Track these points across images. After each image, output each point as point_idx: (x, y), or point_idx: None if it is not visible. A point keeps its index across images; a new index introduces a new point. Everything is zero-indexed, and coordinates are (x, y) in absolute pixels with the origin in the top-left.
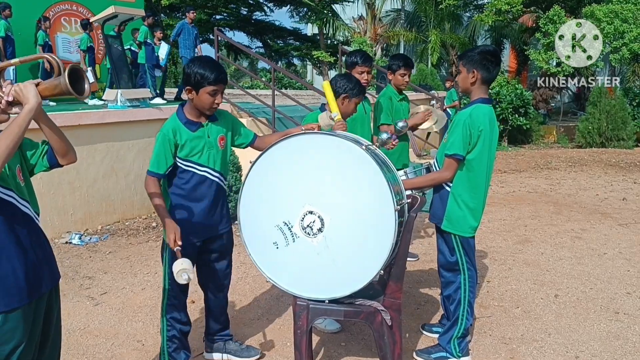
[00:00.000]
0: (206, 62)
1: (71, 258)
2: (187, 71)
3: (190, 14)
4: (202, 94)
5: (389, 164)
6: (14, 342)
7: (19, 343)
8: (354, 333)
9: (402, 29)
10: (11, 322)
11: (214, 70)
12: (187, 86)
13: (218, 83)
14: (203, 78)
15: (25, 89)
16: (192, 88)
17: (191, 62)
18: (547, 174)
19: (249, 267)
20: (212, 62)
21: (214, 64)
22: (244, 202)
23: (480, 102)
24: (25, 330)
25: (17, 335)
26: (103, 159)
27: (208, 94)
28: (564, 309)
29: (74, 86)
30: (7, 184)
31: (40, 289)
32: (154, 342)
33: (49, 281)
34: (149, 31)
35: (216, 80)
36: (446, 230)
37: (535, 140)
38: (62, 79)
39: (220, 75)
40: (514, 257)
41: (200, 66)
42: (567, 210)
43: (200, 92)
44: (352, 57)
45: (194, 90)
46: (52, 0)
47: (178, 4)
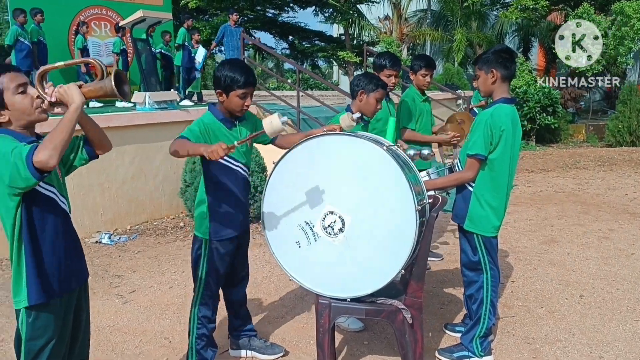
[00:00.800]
0: (236, 66)
1: (101, 257)
2: (217, 74)
3: (233, 16)
4: (232, 97)
5: (411, 164)
6: (45, 338)
7: (50, 339)
8: (376, 332)
9: (428, 28)
10: (43, 318)
11: (243, 74)
12: (218, 89)
13: (248, 86)
14: (233, 81)
15: (70, 90)
16: (222, 91)
17: (221, 66)
18: (575, 173)
19: (274, 267)
20: (242, 65)
21: (244, 68)
22: (267, 201)
23: (502, 102)
24: (56, 326)
25: (49, 331)
26: (132, 161)
27: (238, 97)
28: (589, 310)
29: (118, 88)
30: (50, 180)
31: (71, 284)
32: (181, 340)
33: (79, 278)
34: (187, 34)
35: (246, 84)
36: (468, 230)
37: (564, 139)
38: (107, 81)
39: (249, 79)
40: (540, 257)
41: (230, 70)
42: (594, 210)
43: (231, 95)
44: (380, 59)
45: (224, 94)
46: (83, 5)
47: (205, 7)
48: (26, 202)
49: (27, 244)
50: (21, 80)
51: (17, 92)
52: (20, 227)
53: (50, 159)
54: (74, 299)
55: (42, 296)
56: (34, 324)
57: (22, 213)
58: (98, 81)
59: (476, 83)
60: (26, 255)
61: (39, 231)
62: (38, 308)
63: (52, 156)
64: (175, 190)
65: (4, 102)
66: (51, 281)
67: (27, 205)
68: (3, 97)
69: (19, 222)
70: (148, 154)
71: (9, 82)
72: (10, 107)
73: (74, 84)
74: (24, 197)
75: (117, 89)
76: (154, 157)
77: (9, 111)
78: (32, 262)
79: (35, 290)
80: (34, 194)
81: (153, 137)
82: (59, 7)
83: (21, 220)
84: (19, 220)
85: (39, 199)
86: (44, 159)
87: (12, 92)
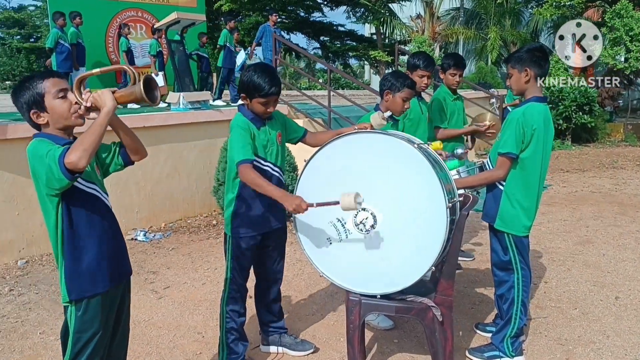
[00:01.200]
0: (262, 73)
1: (136, 254)
2: (243, 78)
3: (272, 16)
4: (255, 103)
5: (441, 162)
6: (92, 330)
7: (97, 331)
8: (406, 330)
9: (461, 27)
10: (91, 311)
11: (268, 83)
12: (242, 93)
13: (271, 96)
14: (257, 89)
15: (103, 95)
16: (245, 95)
17: (248, 70)
18: (613, 173)
19: (305, 265)
20: (269, 72)
21: (270, 75)
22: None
23: (534, 101)
24: (102, 319)
25: (96, 323)
26: (167, 160)
27: (260, 104)
28: (624, 312)
29: (147, 94)
30: (90, 177)
31: (117, 278)
32: (213, 334)
33: (124, 272)
34: (229, 35)
35: (269, 94)
36: (499, 229)
37: (601, 138)
38: (137, 87)
39: (273, 89)
40: (574, 258)
41: (257, 76)
42: (632, 211)
43: (253, 101)
44: (414, 59)
45: (248, 98)
46: (119, 8)
47: (238, 9)
48: (67, 200)
49: (69, 242)
50: (62, 85)
51: (57, 97)
52: (62, 225)
53: (79, 160)
54: (118, 293)
55: (85, 291)
56: (83, 317)
57: (62, 212)
58: (130, 87)
59: (509, 81)
60: (68, 252)
61: (83, 228)
62: (87, 302)
63: (82, 157)
64: (209, 189)
65: (44, 105)
66: (96, 276)
67: (69, 204)
68: (44, 100)
69: (61, 221)
70: (182, 153)
71: (51, 86)
72: (50, 111)
73: (108, 90)
74: (65, 196)
75: (146, 94)
76: (188, 156)
77: (48, 114)
78: (73, 258)
79: (77, 285)
80: (76, 192)
81: (187, 137)
82: (96, 10)
83: (62, 218)
84: (60, 219)
85: (81, 196)
86: (74, 160)
87: (53, 97)
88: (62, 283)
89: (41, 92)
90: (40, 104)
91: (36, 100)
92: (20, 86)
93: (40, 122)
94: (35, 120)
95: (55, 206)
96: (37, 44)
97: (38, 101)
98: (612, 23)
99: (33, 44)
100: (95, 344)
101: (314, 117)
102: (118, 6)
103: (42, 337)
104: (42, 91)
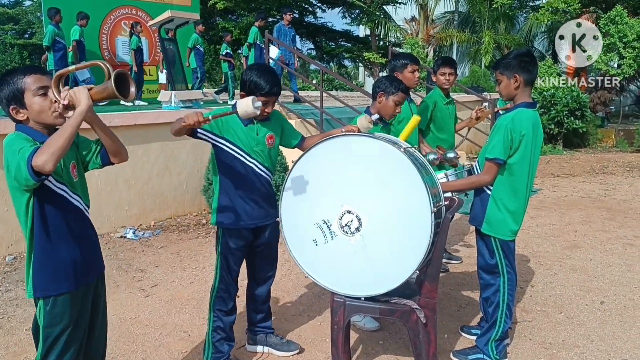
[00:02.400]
0: (263, 73)
1: (125, 251)
2: (244, 77)
3: (287, 15)
4: None
5: (427, 166)
6: (62, 325)
7: (67, 326)
8: (391, 332)
9: (455, 30)
10: (60, 306)
11: (268, 83)
12: (242, 91)
13: (270, 95)
14: (256, 88)
15: (79, 92)
16: (245, 94)
17: (249, 70)
18: (603, 178)
19: (293, 265)
20: (269, 72)
21: (270, 76)
22: (286, 199)
23: (523, 106)
24: (72, 314)
25: (65, 318)
26: (157, 158)
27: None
28: (609, 316)
29: (120, 90)
30: (61, 178)
31: (87, 277)
32: (199, 333)
33: (95, 271)
34: (259, 33)
35: (268, 93)
36: (486, 233)
37: (592, 143)
38: (109, 83)
39: (272, 89)
40: (561, 262)
41: (257, 75)
42: (620, 216)
43: None
44: (400, 59)
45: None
46: (113, 5)
47: (233, 8)
48: (38, 197)
49: (38, 238)
50: (44, 82)
51: (37, 95)
52: (32, 221)
53: (45, 164)
54: (90, 290)
55: (49, 289)
56: (52, 312)
57: (33, 208)
58: (103, 83)
59: (498, 87)
60: (37, 248)
61: (51, 226)
62: (54, 298)
63: (48, 161)
64: (199, 188)
65: (23, 102)
66: (61, 274)
67: (40, 201)
68: (23, 97)
69: (31, 216)
70: (173, 151)
71: (31, 83)
72: (29, 108)
73: (84, 87)
74: (35, 193)
75: (119, 90)
76: (179, 155)
77: (27, 111)
78: (41, 255)
79: (43, 283)
80: (46, 191)
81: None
82: (90, 8)
83: (33, 214)
84: (31, 215)
85: (50, 195)
86: (40, 164)
87: (33, 94)
88: (29, 278)
89: (21, 89)
90: (19, 100)
91: (16, 96)
92: (1, 80)
93: (19, 118)
94: (15, 116)
95: (26, 201)
96: (32, 40)
97: (18, 97)
98: (606, 29)
99: (27, 40)
100: (67, 339)
101: (307, 117)
102: (112, 3)
103: (28, 333)
104: (22, 87)
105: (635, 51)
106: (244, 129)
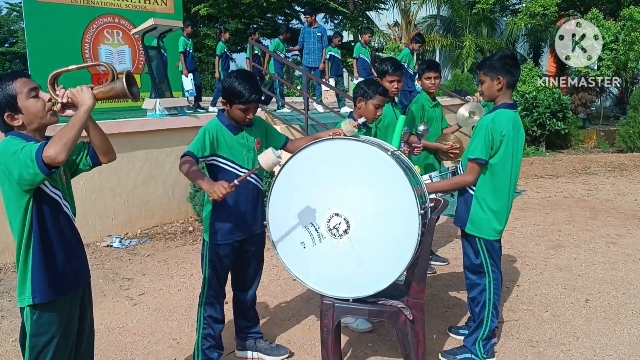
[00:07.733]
0: (243, 79)
1: (112, 260)
2: (224, 84)
3: (307, 17)
4: (235, 109)
5: (413, 169)
6: (49, 335)
7: (54, 336)
8: (381, 334)
9: (437, 34)
10: (47, 316)
11: (247, 90)
12: (223, 98)
13: (250, 103)
14: (237, 95)
15: (82, 92)
16: (226, 101)
17: (229, 77)
18: (585, 179)
19: (281, 270)
20: (249, 79)
21: (250, 83)
22: (273, 203)
23: (503, 107)
24: (60, 323)
25: (53, 328)
26: (142, 166)
27: (240, 110)
28: (594, 314)
29: (129, 90)
30: (56, 183)
31: (74, 285)
32: (188, 341)
33: (82, 279)
34: (281, 44)
35: (248, 101)
36: (470, 233)
37: (574, 145)
38: (119, 82)
39: (252, 96)
40: (546, 262)
41: (237, 82)
42: (603, 216)
43: (233, 107)
44: (382, 65)
45: (228, 104)
46: (96, 14)
47: (216, 15)
48: (36, 202)
49: (36, 243)
50: (32, 84)
51: (30, 97)
52: (30, 226)
53: (59, 154)
54: (78, 298)
55: (47, 295)
56: (38, 321)
57: (32, 212)
58: (109, 83)
59: (481, 87)
60: (34, 254)
61: (46, 232)
62: (42, 306)
63: (61, 152)
64: (185, 195)
65: (17, 107)
66: (56, 280)
67: (37, 205)
68: (17, 101)
69: (29, 221)
70: (158, 159)
71: (21, 86)
72: (24, 111)
73: (87, 86)
74: (34, 199)
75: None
76: (164, 162)
77: (22, 115)
78: (39, 261)
79: (41, 289)
80: (42, 195)
81: (163, 143)
82: (72, 16)
83: (31, 219)
84: (29, 219)
85: (46, 200)
86: (53, 154)
87: (26, 97)
88: (26, 285)
89: (13, 94)
90: (13, 105)
91: (9, 102)
92: None
93: (15, 124)
94: (10, 122)
95: (25, 205)
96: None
97: (11, 103)
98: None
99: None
100: (55, 348)
101: (292, 123)
102: (95, 12)
103: (14, 344)
104: (14, 92)
105: (613, 53)
106: (234, 138)
